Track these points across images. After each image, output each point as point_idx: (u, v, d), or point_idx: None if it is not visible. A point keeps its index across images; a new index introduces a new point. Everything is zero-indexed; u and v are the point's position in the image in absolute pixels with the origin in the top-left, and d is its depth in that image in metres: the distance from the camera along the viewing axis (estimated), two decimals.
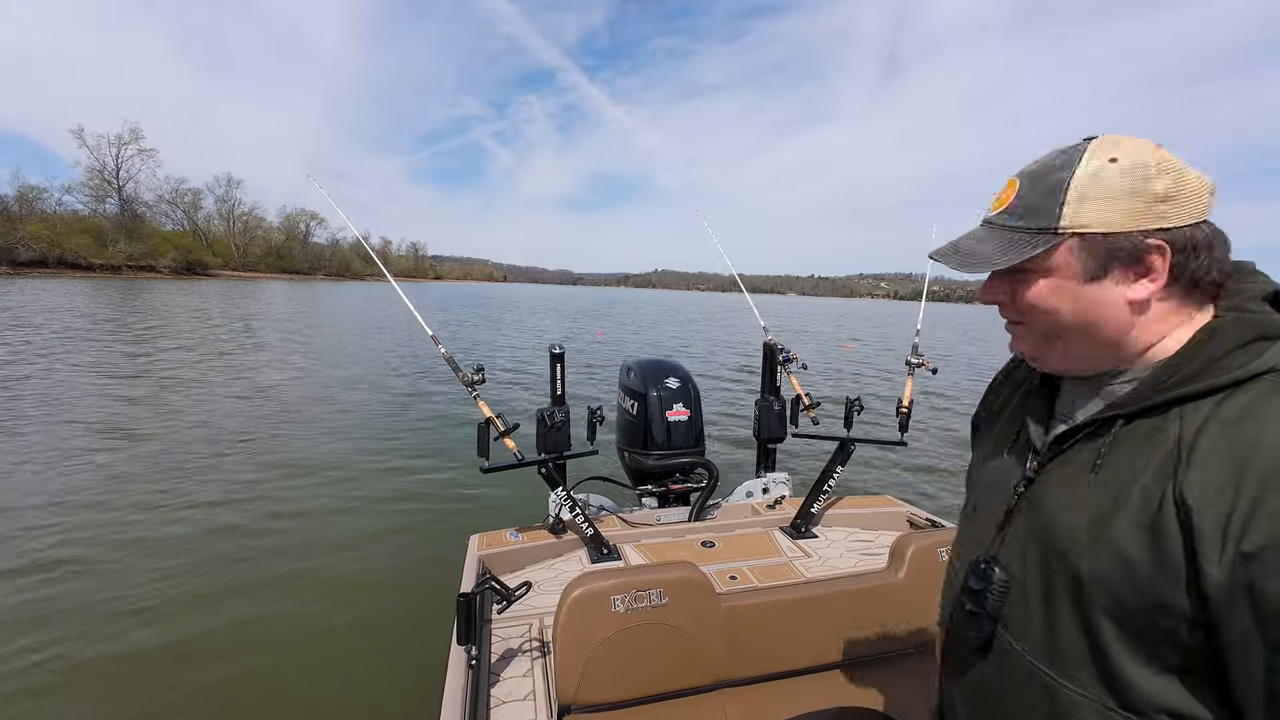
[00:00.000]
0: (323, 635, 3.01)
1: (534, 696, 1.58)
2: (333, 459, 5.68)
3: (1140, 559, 0.55)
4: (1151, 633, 0.56)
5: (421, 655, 2.71)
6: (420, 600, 3.28)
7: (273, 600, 3.27)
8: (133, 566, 3.51)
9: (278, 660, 2.80)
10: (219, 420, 6.83)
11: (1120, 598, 0.57)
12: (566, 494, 2.41)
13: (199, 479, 4.94)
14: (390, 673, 2.72)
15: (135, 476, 4.95)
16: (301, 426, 6.78)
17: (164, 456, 5.48)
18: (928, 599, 1.72)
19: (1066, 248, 0.60)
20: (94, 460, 5.27)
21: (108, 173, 68.74)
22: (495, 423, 2.27)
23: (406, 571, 3.64)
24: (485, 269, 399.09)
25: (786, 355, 3.12)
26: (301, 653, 2.86)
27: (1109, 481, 0.60)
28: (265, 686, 2.63)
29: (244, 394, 8.31)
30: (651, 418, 2.87)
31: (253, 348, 12.99)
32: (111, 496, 4.51)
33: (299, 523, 4.25)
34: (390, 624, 3.11)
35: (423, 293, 62.78)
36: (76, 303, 22.39)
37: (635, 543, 2.47)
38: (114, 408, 7.15)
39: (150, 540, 3.84)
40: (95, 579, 3.35)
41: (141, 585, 3.31)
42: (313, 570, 3.60)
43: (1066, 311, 0.62)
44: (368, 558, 3.79)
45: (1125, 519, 0.57)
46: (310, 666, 2.77)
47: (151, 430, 6.29)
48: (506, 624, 1.93)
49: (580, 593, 1.45)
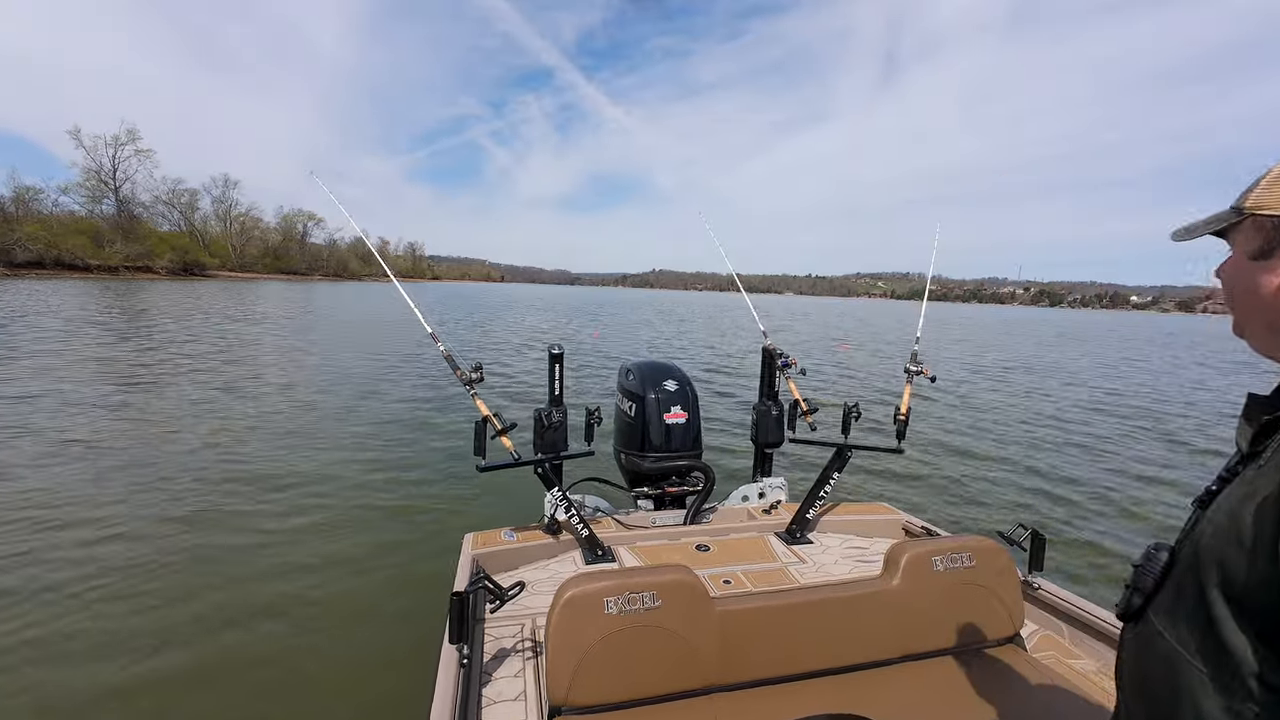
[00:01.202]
0: (312, 631, 2.98)
1: (525, 697, 1.57)
2: (328, 456, 5.66)
3: (1253, 539, 0.57)
4: (1261, 611, 0.57)
5: (413, 654, 2.69)
6: (413, 598, 3.26)
7: (260, 596, 3.25)
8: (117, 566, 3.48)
9: (265, 657, 2.77)
10: (216, 418, 6.80)
11: (1230, 574, 0.60)
12: (562, 494, 2.41)
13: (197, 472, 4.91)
14: (381, 671, 2.70)
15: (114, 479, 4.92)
16: (299, 424, 6.75)
17: (162, 454, 5.45)
18: (922, 607, 1.72)
19: (1246, 225, 0.64)
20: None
21: (104, 174, 68.48)
22: (492, 421, 2.26)
23: (399, 570, 3.62)
24: (483, 269, 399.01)
25: (785, 360, 3.12)
26: (289, 649, 2.84)
27: (1258, 476, 0.61)
28: (252, 683, 2.60)
29: (243, 390, 8.27)
30: (649, 420, 2.87)
31: (252, 345, 12.95)
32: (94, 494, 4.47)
33: (291, 520, 4.22)
34: (382, 622, 3.09)
35: (421, 292, 62.71)
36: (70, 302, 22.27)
37: (630, 545, 2.47)
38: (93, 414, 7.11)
39: (130, 534, 3.81)
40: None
41: (134, 581, 3.28)
42: (302, 567, 3.57)
43: (1240, 290, 0.67)
44: (360, 555, 3.76)
45: (1254, 504, 0.59)
46: (299, 663, 2.74)
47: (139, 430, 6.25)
48: (499, 624, 1.92)
49: (574, 594, 1.44)
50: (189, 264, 68.85)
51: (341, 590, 3.38)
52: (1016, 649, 1.80)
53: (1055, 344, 28.03)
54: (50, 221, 57.27)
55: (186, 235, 76.96)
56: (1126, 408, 10.72)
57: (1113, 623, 1.87)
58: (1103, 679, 1.75)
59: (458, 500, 4.80)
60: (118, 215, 67.09)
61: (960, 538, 1.88)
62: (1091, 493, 5.78)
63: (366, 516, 4.39)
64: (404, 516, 4.44)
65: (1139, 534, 4.84)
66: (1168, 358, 22.82)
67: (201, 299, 29.55)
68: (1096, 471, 6.53)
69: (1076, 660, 1.85)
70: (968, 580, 1.77)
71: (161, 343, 12.90)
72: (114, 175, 69.13)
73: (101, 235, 60.09)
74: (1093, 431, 8.59)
